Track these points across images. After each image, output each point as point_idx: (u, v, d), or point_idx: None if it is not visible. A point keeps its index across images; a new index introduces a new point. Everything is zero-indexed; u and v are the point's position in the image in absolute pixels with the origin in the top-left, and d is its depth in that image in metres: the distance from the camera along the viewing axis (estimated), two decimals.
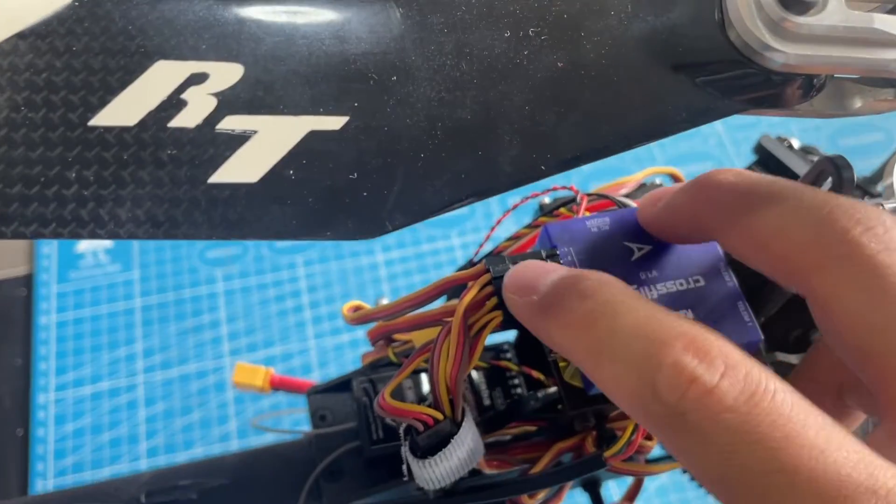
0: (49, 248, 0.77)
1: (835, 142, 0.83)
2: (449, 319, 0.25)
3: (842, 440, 0.15)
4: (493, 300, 0.25)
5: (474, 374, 0.33)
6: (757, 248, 0.20)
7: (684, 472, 0.47)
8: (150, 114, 0.17)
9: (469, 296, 0.25)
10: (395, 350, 0.33)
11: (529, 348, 0.33)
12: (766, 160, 0.34)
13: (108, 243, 0.77)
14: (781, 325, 0.30)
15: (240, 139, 0.17)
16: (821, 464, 0.14)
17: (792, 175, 0.33)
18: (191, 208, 0.17)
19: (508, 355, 0.33)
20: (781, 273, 0.19)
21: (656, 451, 0.44)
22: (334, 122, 0.18)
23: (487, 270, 0.26)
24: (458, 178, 0.18)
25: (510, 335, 0.34)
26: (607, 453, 0.24)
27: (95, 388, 0.69)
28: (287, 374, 0.62)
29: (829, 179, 0.22)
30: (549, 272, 0.22)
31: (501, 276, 0.26)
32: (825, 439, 0.15)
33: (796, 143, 0.34)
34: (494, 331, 0.26)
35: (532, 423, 0.30)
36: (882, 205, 0.28)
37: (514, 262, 0.26)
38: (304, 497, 0.32)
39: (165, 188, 0.17)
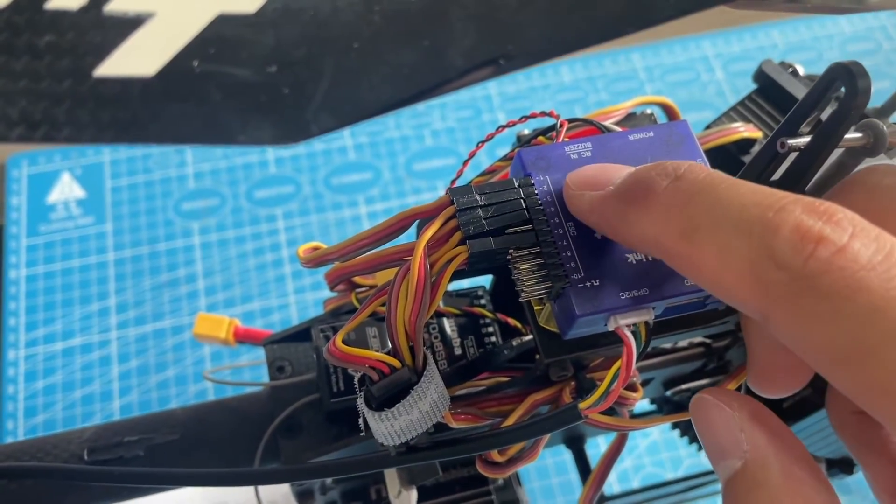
0: (19, 200, 0.74)
1: None
2: (409, 258, 0.23)
3: None
4: (458, 235, 0.23)
5: (445, 321, 0.30)
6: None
7: (673, 427, 0.45)
8: None
9: (431, 230, 0.22)
10: (358, 296, 0.30)
11: (506, 294, 0.30)
12: (768, 88, 0.31)
13: (80, 194, 0.74)
14: None
15: (132, 23, 0.14)
16: None
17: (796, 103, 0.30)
18: (74, 107, 0.14)
19: (483, 301, 0.30)
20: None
21: (641, 405, 0.41)
22: (248, 3, 0.15)
23: (452, 202, 0.23)
24: (400, 73, 0.15)
25: (486, 279, 0.32)
26: (583, 404, 0.22)
27: (67, 344, 0.66)
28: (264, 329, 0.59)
29: (842, 91, 0.19)
30: (623, 168, 0.20)
31: (467, 209, 0.23)
32: None
33: (801, 70, 0.31)
34: (459, 270, 0.23)
35: (505, 374, 0.28)
36: None
37: (482, 193, 0.23)
38: (261, 453, 0.29)
39: (43, 83, 0.14)
